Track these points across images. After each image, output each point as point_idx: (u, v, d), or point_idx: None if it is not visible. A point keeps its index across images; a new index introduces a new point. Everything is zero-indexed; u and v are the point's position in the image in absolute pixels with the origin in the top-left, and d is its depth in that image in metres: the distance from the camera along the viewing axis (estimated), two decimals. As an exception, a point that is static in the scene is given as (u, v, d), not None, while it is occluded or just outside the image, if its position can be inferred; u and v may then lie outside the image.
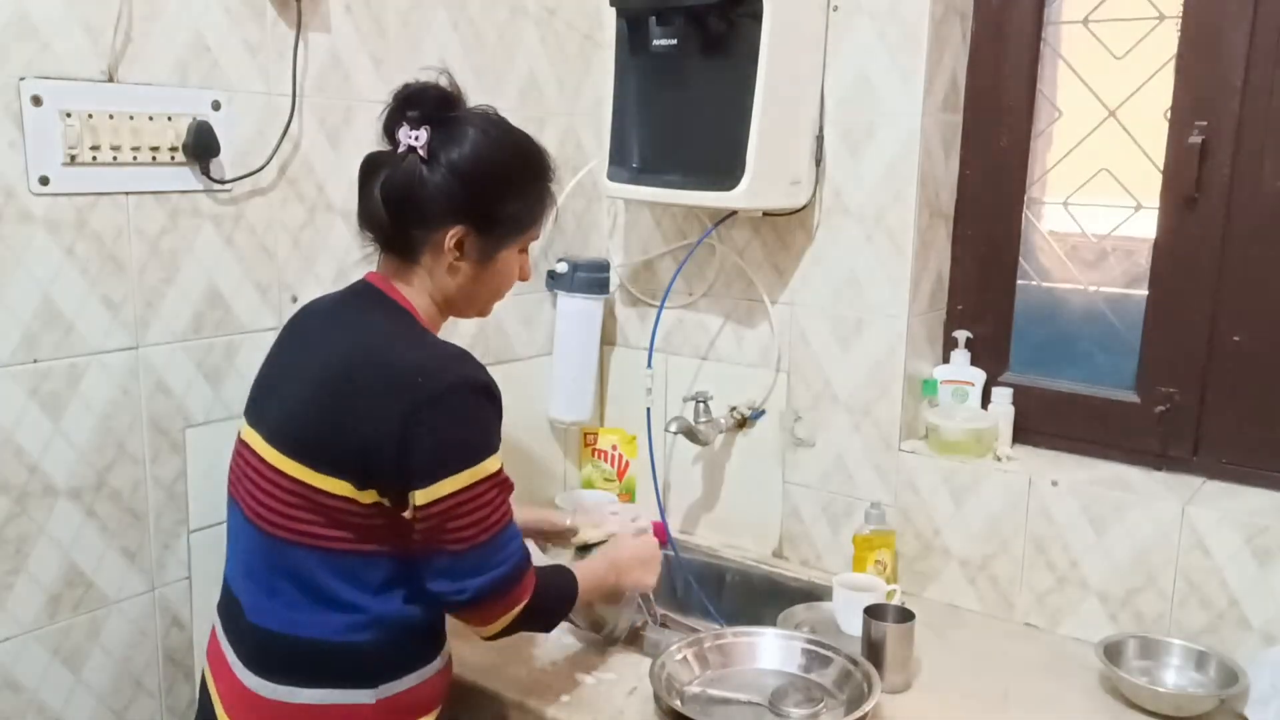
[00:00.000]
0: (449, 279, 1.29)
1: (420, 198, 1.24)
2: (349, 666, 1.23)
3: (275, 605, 1.23)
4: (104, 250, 1.37)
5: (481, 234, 1.28)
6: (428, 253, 1.27)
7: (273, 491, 1.22)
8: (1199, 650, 1.51)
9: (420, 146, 1.23)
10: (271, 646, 1.24)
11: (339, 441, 1.19)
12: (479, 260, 1.29)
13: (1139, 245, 1.73)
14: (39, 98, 1.29)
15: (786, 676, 1.48)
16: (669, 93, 1.77)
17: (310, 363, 1.26)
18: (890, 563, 1.76)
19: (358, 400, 1.19)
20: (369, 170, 1.28)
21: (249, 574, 1.27)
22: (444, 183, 1.23)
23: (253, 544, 1.26)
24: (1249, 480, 1.62)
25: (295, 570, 1.22)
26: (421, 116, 1.23)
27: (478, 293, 1.33)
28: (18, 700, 1.36)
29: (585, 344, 2.04)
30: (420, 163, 1.23)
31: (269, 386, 1.32)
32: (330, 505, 1.19)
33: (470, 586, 1.22)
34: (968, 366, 1.83)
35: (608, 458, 2.15)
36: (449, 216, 1.25)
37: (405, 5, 1.70)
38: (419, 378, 1.19)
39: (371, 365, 1.20)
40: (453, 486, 1.18)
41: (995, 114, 1.79)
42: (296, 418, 1.23)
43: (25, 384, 1.32)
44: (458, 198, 1.24)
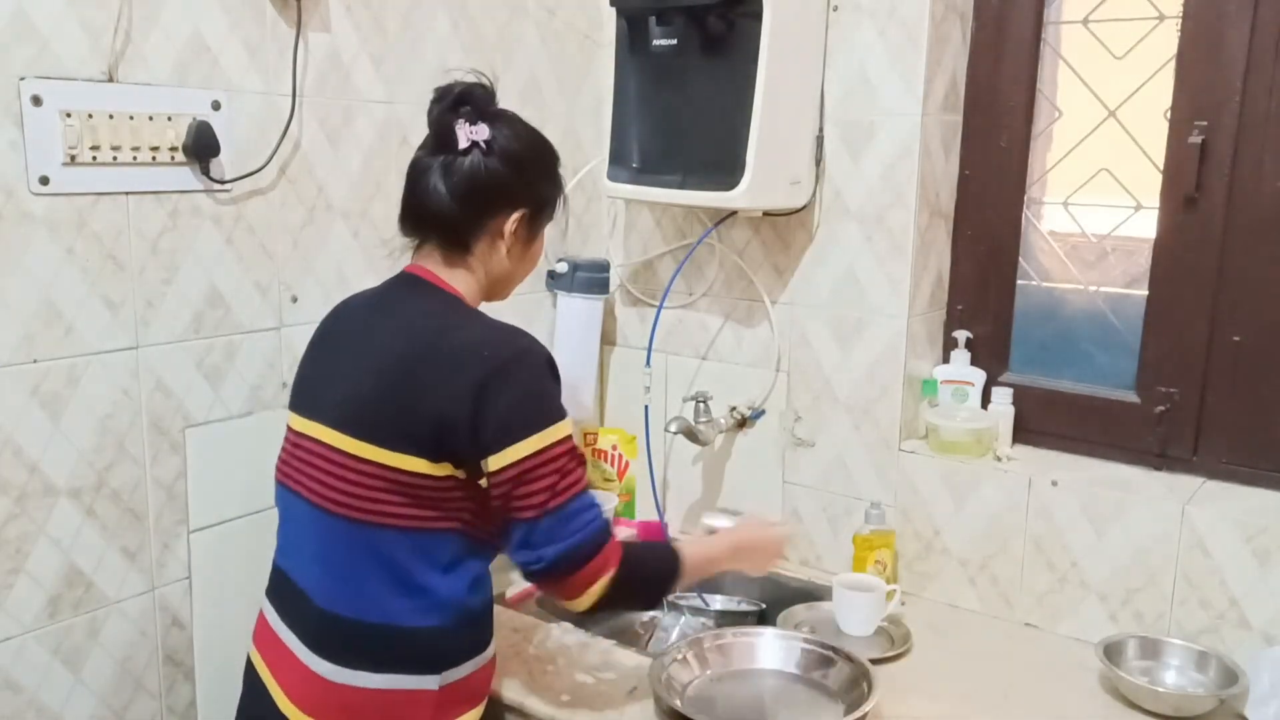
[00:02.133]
0: (501, 262, 1.36)
1: (489, 187, 1.32)
2: (417, 651, 1.26)
3: (350, 590, 1.26)
4: (104, 250, 1.37)
5: (533, 216, 1.37)
6: (483, 240, 1.34)
7: (346, 476, 1.25)
8: (1199, 650, 1.51)
9: (482, 140, 1.31)
10: (341, 631, 1.26)
11: (412, 418, 1.23)
12: (526, 241, 1.38)
13: (1139, 245, 1.73)
14: (39, 98, 1.29)
15: (786, 676, 1.48)
16: (669, 93, 1.77)
17: (369, 349, 1.30)
18: (890, 563, 1.77)
19: (428, 377, 1.24)
20: (422, 170, 1.34)
21: (320, 561, 1.29)
22: (506, 172, 1.32)
23: (325, 531, 1.28)
24: (1249, 480, 1.62)
25: (374, 552, 1.25)
26: (475, 112, 1.32)
27: (516, 274, 1.42)
28: (18, 700, 1.36)
29: (585, 344, 2.04)
30: (483, 155, 1.31)
31: (323, 378, 1.35)
32: (406, 482, 1.23)
33: (547, 555, 1.24)
34: (968, 366, 1.83)
35: (608, 458, 2.15)
36: (510, 203, 1.34)
37: (405, 5, 1.70)
38: (484, 350, 1.24)
39: (438, 342, 1.26)
40: (525, 450, 1.22)
41: (995, 114, 1.79)
42: (365, 401, 1.26)
43: (25, 384, 1.32)
44: (517, 184, 1.34)
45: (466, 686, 1.31)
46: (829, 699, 1.43)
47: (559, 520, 1.25)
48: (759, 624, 1.81)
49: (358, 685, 1.25)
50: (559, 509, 1.25)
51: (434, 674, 1.27)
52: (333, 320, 1.41)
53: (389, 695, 1.26)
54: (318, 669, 1.26)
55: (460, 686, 1.30)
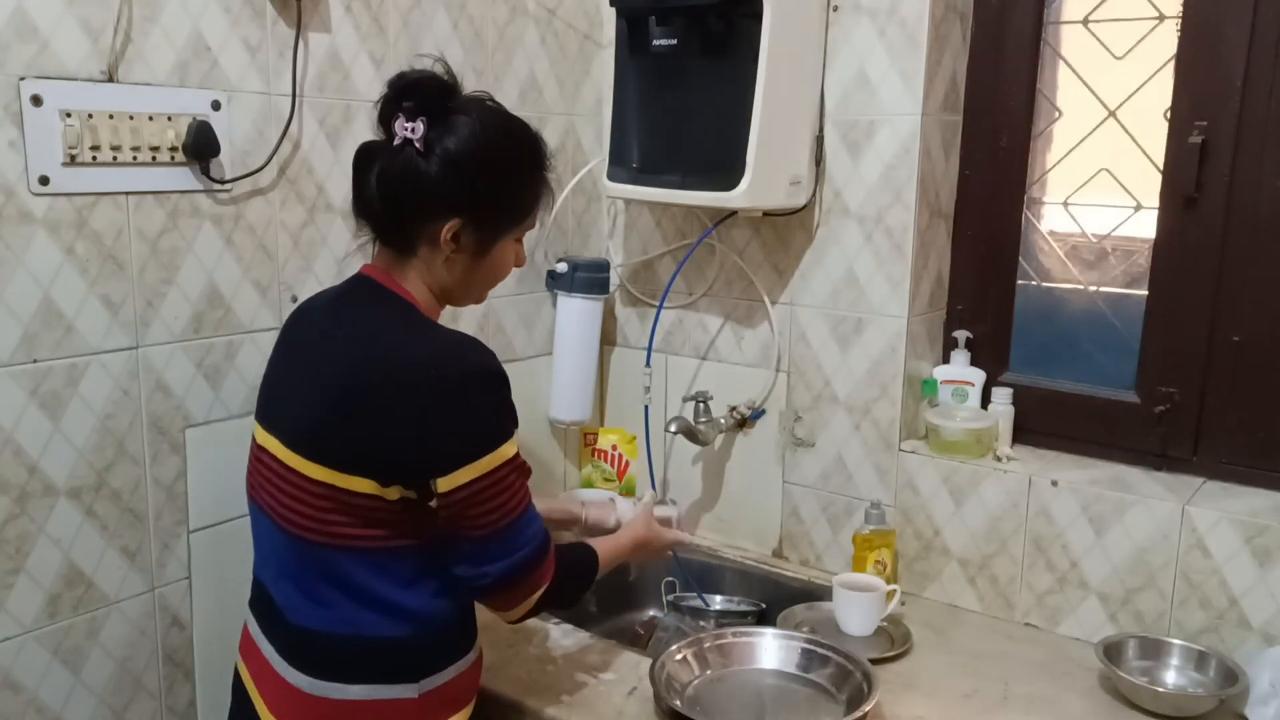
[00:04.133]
0: (445, 271, 1.28)
1: (416, 191, 1.22)
2: (391, 661, 1.24)
3: (314, 606, 1.24)
4: (104, 250, 1.37)
5: (478, 227, 1.26)
6: (424, 245, 1.26)
7: (299, 495, 1.22)
8: (1199, 650, 1.51)
9: (416, 139, 1.20)
10: (314, 645, 1.24)
11: (359, 442, 1.19)
12: (475, 253, 1.28)
13: (1139, 245, 1.73)
14: (39, 98, 1.29)
15: (786, 676, 1.48)
16: (669, 93, 1.77)
17: (318, 363, 1.26)
18: (890, 563, 1.77)
19: (372, 400, 1.19)
20: (363, 160, 1.26)
21: (284, 577, 1.27)
22: (439, 176, 1.21)
23: (284, 548, 1.26)
24: (1249, 480, 1.62)
25: (330, 571, 1.22)
26: (417, 107, 1.21)
27: (473, 283, 1.32)
28: (17, 700, 1.36)
29: (585, 344, 2.04)
30: (416, 155, 1.21)
31: (278, 389, 1.32)
32: (357, 504, 1.20)
33: (492, 571, 1.23)
34: (968, 366, 1.83)
35: (608, 458, 2.15)
36: (445, 210, 1.23)
37: (405, 5, 1.70)
38: (431, 370, 1.18)
39: (382, 363, 1.20)
40: (472, 474, 1.19)
41: (995, 114, 1.79)
42: (313, 421, 1.22)
43: (25, 384, 1.32)
44: (453, 191, 1.23)
45: (449, 692, 1.29)
46: (829, 699, 1.43)
47: (506, 538, 1.23)
48: (759, 624, 1.81)
49: (334, 697, 1.23)
50: (507, 527, 1.23)
51: (412, 682, 1.25)
52: (292, 325, 1.36)
53: (367, 706, 1.23)
54: (294, 681, 1.24)
55: (442, 692, 1.28)
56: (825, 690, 1.45)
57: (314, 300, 1.37)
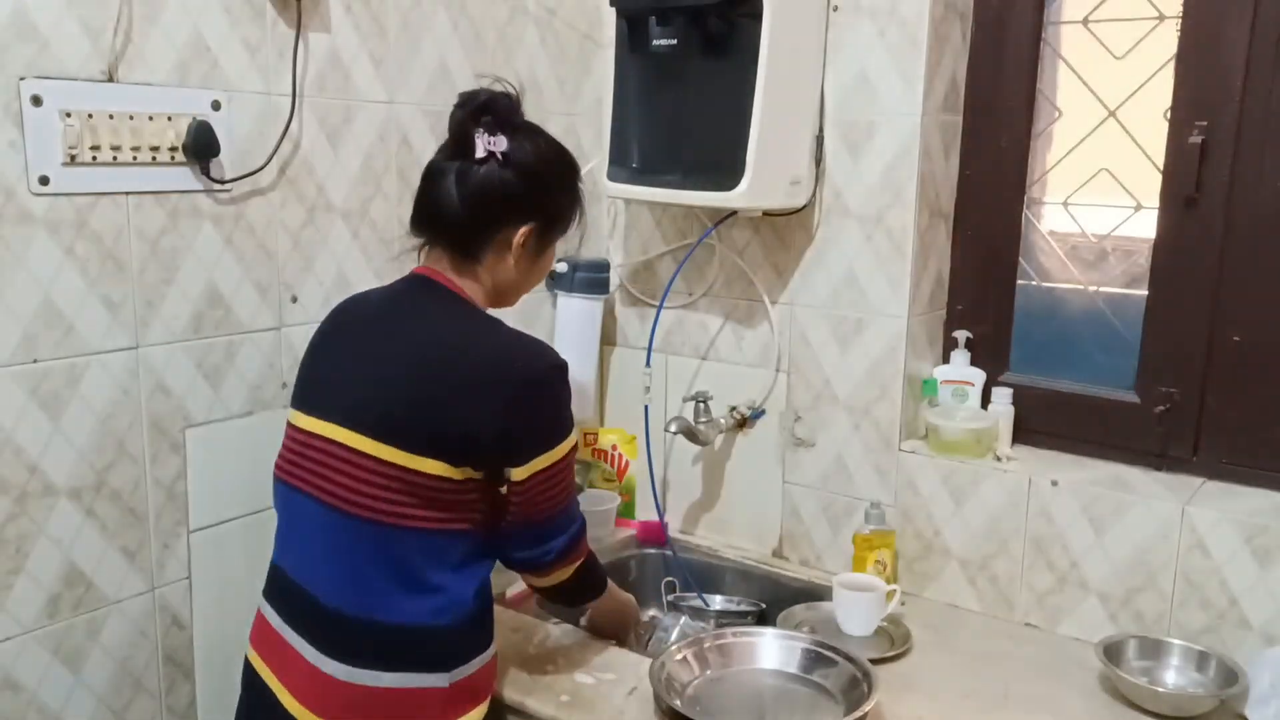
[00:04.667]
0: (509, 274, 1.39)
1: (498, 198, 1.34)
2: (427, 650, 1.28)
3: (358, 590, 1.27)
4: (104, 250, 1.37)
5: (543, 231, 1.39)
6: (492, 250, 1.36)
7: (363, 476, 1.26)
8: (1199, 650, 1.51)
9: (499, 152, 1.33)
10: (353, 631, 1.27)
11: (440, 425, 1.25)
12: (535, 254, 1.40)
13: (1139, 245, 1.73)
14: (39, 98, 1.29)
15: (786, 676, 1.48)
16: (669, 93, 1.77)
17: (383, 351, 1.31)
18: (890, 563, 1.77)
19: (458, 387, 1.26)
20: (437, 175, 1.36)
21: (328, 560, 1.29)
22: (520, 185, 1.34)
23: (336, 530, 1.28)
24: (1249, 480, 1.62)
25: (382, 552, 1.26)
26: (496, 123, 1.33)
27: (523, 284, 1.44)
28: (17, 700, 1.36)
29: (585, 344, 2.04)
30: (499, 166, 1.33)
31: (334, 378, 1.35)
32: (424, 485, 1.25)
33: (554, 548, 1.37)
34: (968, 366, 1.83)
35: (608, 458, 2.15)
36: (522, 214, 1.36)
37: (405, 5, 1.70)
38: (516, 364, 1.29)
39: (466, 351, 1.29)
40: (546, 462, 1.31)
41: (995, 114, 1.79)
42: (387, 403, 1.27)
43: (25, 384, 1.32)
44: (530, 198, 1.36)
45: (473, 683, 1.33)
46: (829, 699, 1.43)
47: (564, 516, 1.38)
48: (759, 624, 1.81)
49: (368, 685, 1.25)
50: (565, 508, 1.37)
51: (444, 672, 1.28)
52: (340, 318, 1.41)
53: (399, 694, 1.26)
54: (327, 669, 1.26)
55: (468, 684, 1.31)
56: (825, 690, 1.44)
57: (360, 297, 1.43)
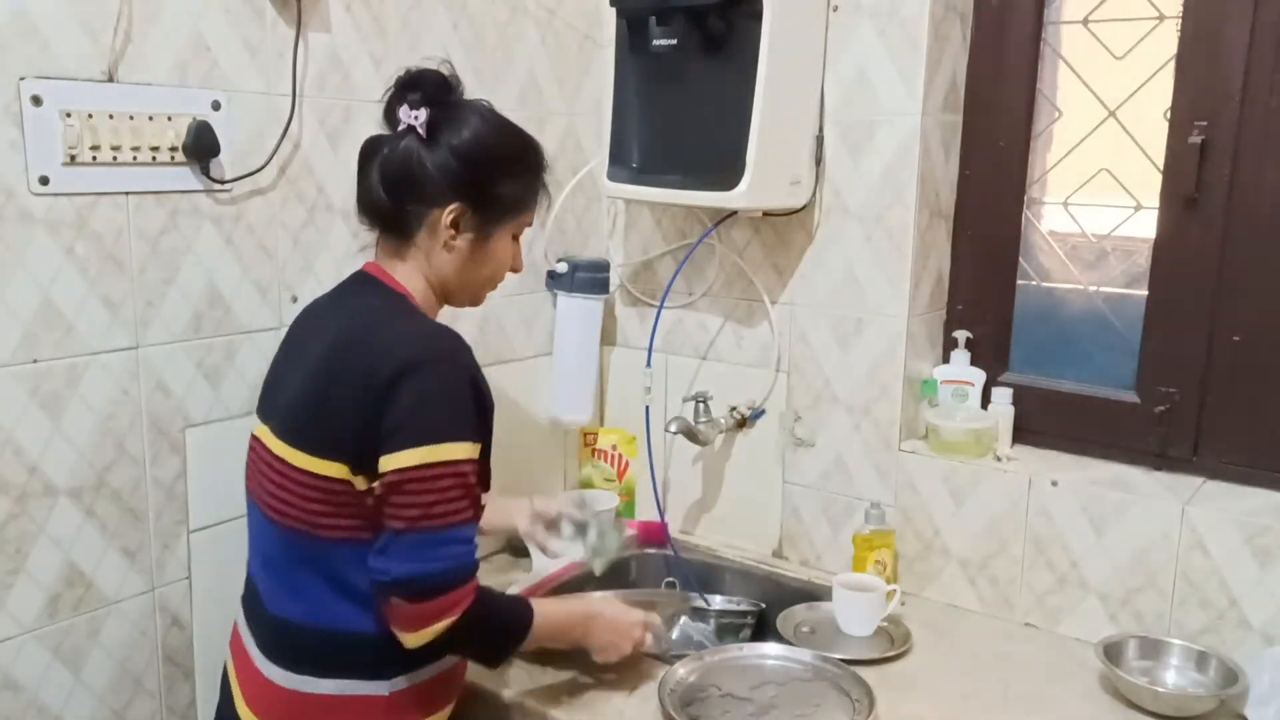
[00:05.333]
0: (445, 258, 1.31)
1: (418, 174, 1.27)
2: (364, 656, 1.25)
3: (293, 596, 1.26)
4: (104, 250, 1.37)
5: (477, 212, 1.30)
6: (424, 231, 1.30)
7: (282, 483, 1.25)
8: (1199, 650, 1.51)
9: (420, 125, 1.25)
10: (290, 636, 1.26)
11: (331, 421, 1.21)
12: (475, 239, 1.32)
13: (1139, 245, 1.73)
14: (39, 98, 1.29)
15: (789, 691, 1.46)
16: (669, 93, 1.77)
17: (309, 353, 1.29)
18: (890, 563, 1.77)
19: (345, 378, 1.21)
20: (368, 152, 1.31)
21: (267, 566, 1.30)
22: (442, 160, 1.26)
23: (269, 536, 1.28)
24: (1249, 480, 1.62)
25: (310, 560, 1.24)
26: (422, 98, 1.26)
27: (472, 276, 1.35)
28: (17, 700, 1.36)
29: (585, 344, 2.04)
30: (419, 141, 1.26)
31: (275, 382, 1.36)
32: (333, 490, 1.21)
33: (393, 571, 1.16)
34: (968, 366, 1.83)
35: (608, 458, 2.15)
36: (446, 193, 1.28)
37: (405, 5, 1.70)
38: (403, 348, 1.20)
39: (359, 341, 1.23)
40: (408, 460, 1.16)
41: (995, 114, 1.79)
42: (297, 406, 1.25)
43: (25, 384, 1.32)
44: (455, 175, 1.27)
45: (422, 693, 1.28)
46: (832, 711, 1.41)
47: (421, 542, 1.17)
48: (758, 624, 1.81)
49: (306, 691, 1.24)
50: (425, 531, 1.17)
51: (383, 680, 1.25)
52: (295, 322, 1.41)
53: (337, 700, 1.24)
54: (269, 674, 1.27)
55: (414, 693, 1.27)
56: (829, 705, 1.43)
57: (316, 300, 1.41)
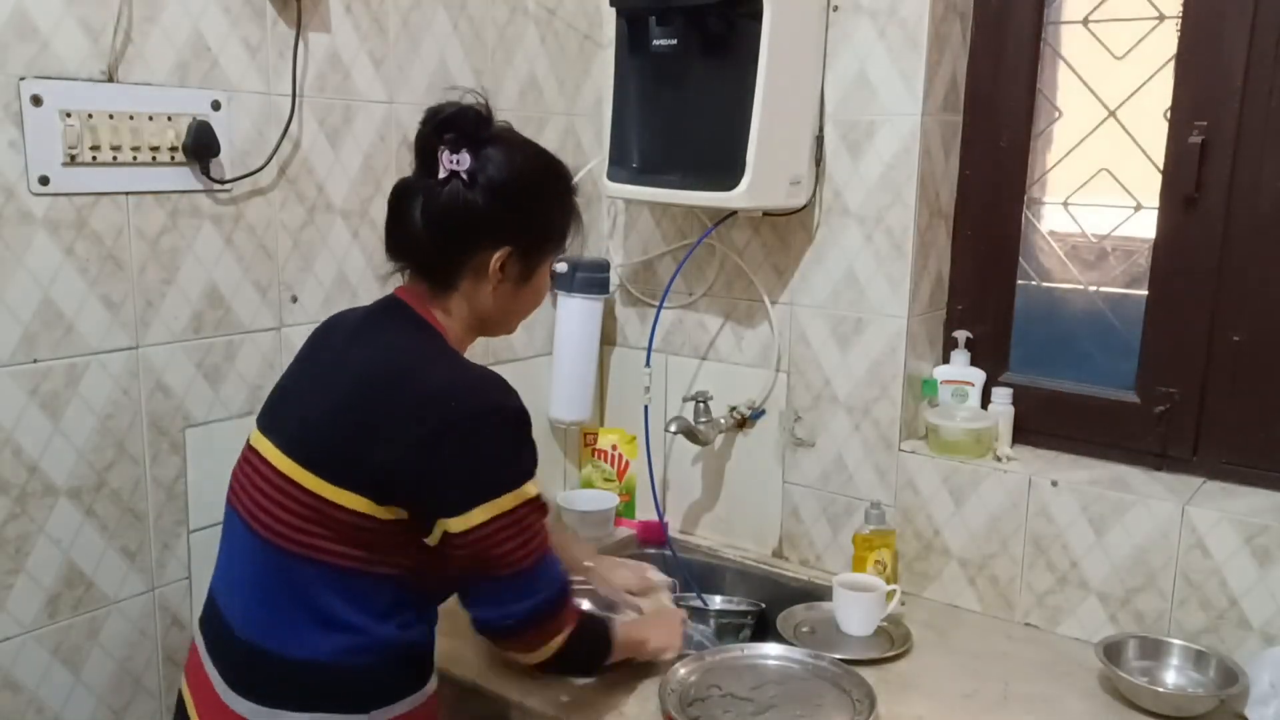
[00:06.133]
0: (489, 301, 1.27)
1: (466, 222, 1.22)
2: (343, 690, 1.19)
3: (271, 621, 1.19)
4: (104, 250, 1.37)
5: (524, 254, 1.27)
6: (468, 277, 1.25)
7: (283, 502, 1.19)
8: (1199, 650, 1.51)
9: (463, 171, 1.21)
10: (261, 665, 1.19)
11: (361, 457, 1.16)
12: (519, 279, 1.28)
13: (1139, 245, 1.73)
14: (39, 98, 1.29)
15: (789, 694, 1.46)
16: (669, 93, 1.77)
17: (335, 375, 1.23)
18: (890, 563, 1.77)
19: (384, 417, 1.16)
20: (403, 196, 1.26)
21: (245, 587, 1.23)
22: (488, 205, 1.22)
23: (254, 556, 1.21)
24: (1249, 480, 1.62)
25: (298, 586, 1.18)
26: (459, 138, 1.21)
27: (513, 311, 1.33)
28: (17, 700, 1.36)
29: (585, 344, 2.04)
30: (463, 187, 1.21)
31: (289, 396, 1.29)
32: (343, 520, 1.16)
33: (516, 612, 1.21)
34: (968, 366, 1.83)
35: (608, 458, 2.15)
36: (494, 239, 1.24)
37: (405, 5, 1.70)
38: (451, 400, 1.17)
39: (400, 382, 1.19)
40: (490, 513, 1.17)
41: (995, 114, 1.79)
42: (317, 429, 1.20)
43: (25, 384, 1.32)
44: (502, 220, 1.24)
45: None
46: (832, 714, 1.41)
47: (529, 578, 1.21)
48: (758, 624, 1.81)
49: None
50: (531, 567, 1.21)
51: (362, 713, 1.20)
52: (320, 336, 1.34)
53: None
54: (236, 708, 1.19)
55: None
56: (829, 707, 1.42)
57: (342, 316, 1.35)
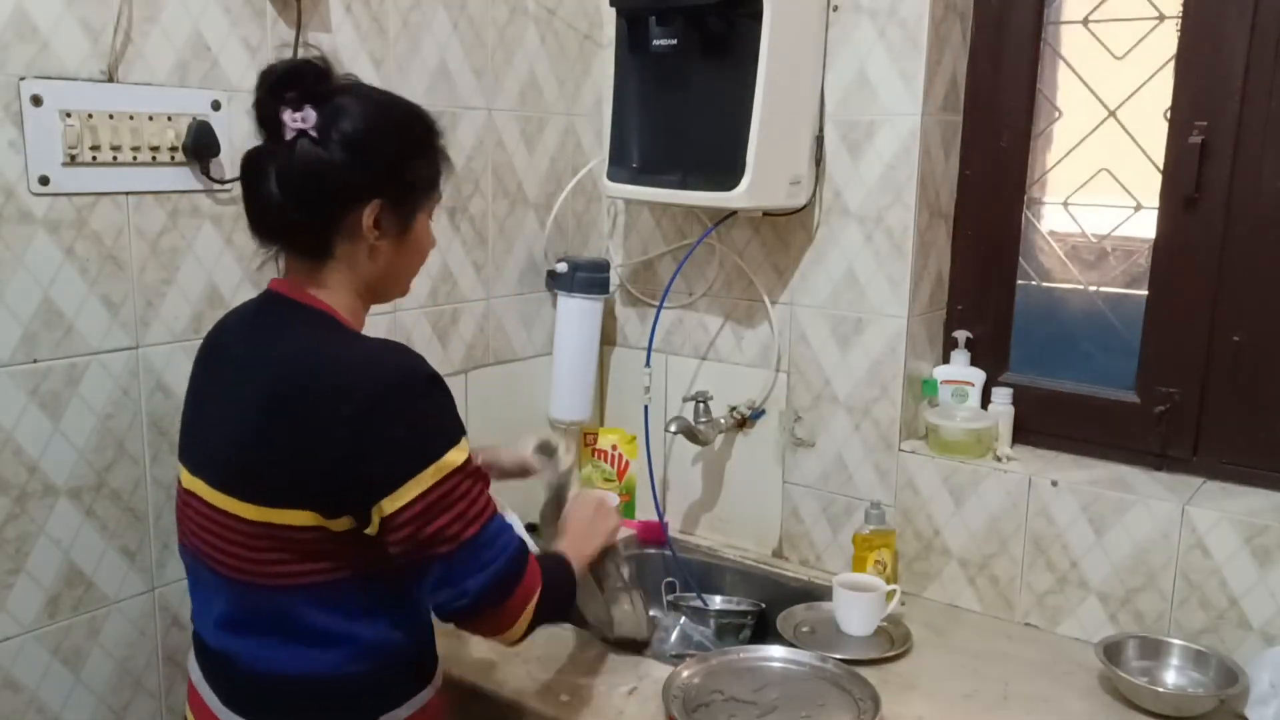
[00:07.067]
0: (370, 263, 1.19)
1: (325, 182, 1.13)
2: (344, 701, 1.18)
3: (263, 650, 1.17)
4: (104, 250, 1.37)
5: (396, 204, 1.18)
6: (342, 242, 1.17)
7: (234, 539, 1.14)
8: (1199, 650, 1.51)
9: (310, 127, 1.11)
10: (260, 688, 1.18)
11: (292, 469, 1.10)
12: (398, 233, 1.20)
13: (1139, 245, 1.73)
14: (39, 98, 1.29)
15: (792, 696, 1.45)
16: (669, 93, 1.77)
17: (238, 395, 1.16)
18: (890, 563, 1.77)
19: (300, 421, 1.10)
20: (253, 169, 1.16)
21: (229, 625, 1.19)
22: (345, 159, 1.13)
23: (225, 594, 1.18)
24: (1249, 480, 1.62)
25: (276, 612, 1.15)
26: (301, 95, 1.12)
27: (399, 270, 1.24)
28: (17, 700, 1.36)
29: (585, 344, 2.04)
30: (314, 145, 1.12)
31: (197, 425, 1.23)
32: (297, 539, 1.12)
33: (471, 588, 1.13)
34: (968, 366, 1.83)
35: (608, 458, 2.15)
36: (360, 194, 1.15)
37: (405, 5, 1.70)
38: (357, 380, 1.10)
39: (305, 381, 1.12)
40: (419, 488, 1.10)
41: (995, 114, 1.79)
42: (237, 456, 1.14)
43: (25, 384, 1.32)
44: (364, 172, 1.14)
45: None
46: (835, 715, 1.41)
47: (477, 548, 1.14)
48: (758, 624, 1.81)
49: None
50: (474, 538, 1.13)
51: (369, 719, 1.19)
52: (204, 349, 1.26)
53: None
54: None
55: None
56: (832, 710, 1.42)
57: (222, 327, 1.27)
